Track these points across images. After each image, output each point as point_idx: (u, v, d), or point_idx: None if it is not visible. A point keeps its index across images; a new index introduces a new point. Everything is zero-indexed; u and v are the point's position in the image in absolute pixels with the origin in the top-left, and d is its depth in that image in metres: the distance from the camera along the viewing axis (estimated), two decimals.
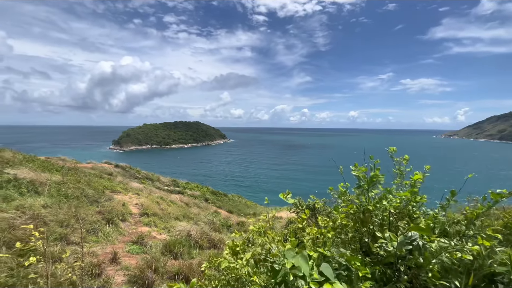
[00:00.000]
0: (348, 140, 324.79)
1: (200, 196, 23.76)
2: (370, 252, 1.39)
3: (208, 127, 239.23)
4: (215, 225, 10.71)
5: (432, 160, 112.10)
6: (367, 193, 1.60)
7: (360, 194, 1.64)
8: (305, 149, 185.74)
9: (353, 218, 1.60)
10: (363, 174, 1.60)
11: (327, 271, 1.11)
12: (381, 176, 1.58)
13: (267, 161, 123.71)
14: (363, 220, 1.53)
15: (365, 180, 1.58)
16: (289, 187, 42.90)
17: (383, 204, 1.49)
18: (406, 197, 1.51)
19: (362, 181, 1.61)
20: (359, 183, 1.63)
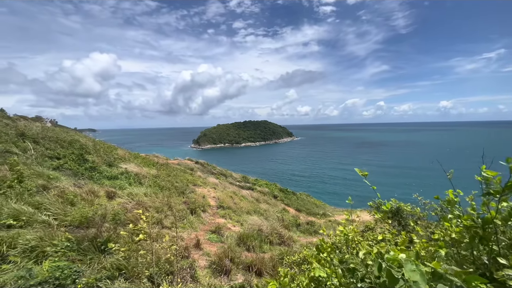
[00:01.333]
0: (439, 135, 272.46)
1: (269, 192, 24.43)
2: (492, 278, 1.09)
3: (275, 126, 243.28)
4: (284, 223, 10.80)
5: None
6: (499, 203, 1.24)
7: (486, 203, 1.28)
8: (382, 147, 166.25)
9: (468, 233, 1.28)
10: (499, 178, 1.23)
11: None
12: None
13: (336, 160, 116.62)
14: (483, 237, 1.21)
15: (497, 186, 1.23)
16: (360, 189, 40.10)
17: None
18: None
19: (493, 187, 1.25)
20: (488, 189, 1.27)
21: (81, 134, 15.01)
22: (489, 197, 1.27)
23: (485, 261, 1.16)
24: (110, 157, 11.09)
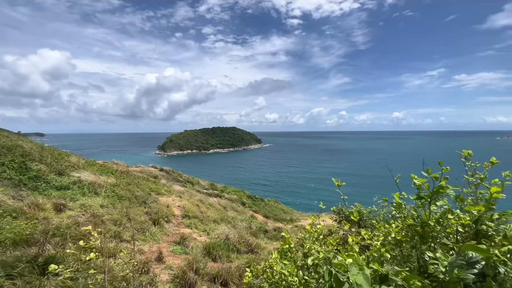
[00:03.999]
0: (393, 143, 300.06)
1: (237, 200, 24.22)
2: (430, 274, 1.20)
3: (244, 132, 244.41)
4: (252, 230, 10.75)
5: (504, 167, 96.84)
6: (429, 206, 1.38)
7: (419, 207, 1.42)
8: (345, 154, 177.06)
9: (410, 232, 1.40)
10: (426, 184, 1.39)
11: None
12: (450, 187, 1.35)
13: (304, 166, 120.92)
14: (422, 235, 1.33)
15: (427, 190, 1.37)
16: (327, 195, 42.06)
17: (447, 220, 1.27)
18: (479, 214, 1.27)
19: (424, 192, 1.40)
20: (420, 193, 1.42)
21: (25, 139, 13.29)
22: (421, 200, 1.42)
23: (426, 259, 1.27)
24: (60, 164, 9.99)
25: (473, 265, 1.02)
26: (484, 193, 1.47)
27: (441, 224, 1.33)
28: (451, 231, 1.33)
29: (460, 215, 1.31)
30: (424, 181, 1.39)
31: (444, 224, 1.32)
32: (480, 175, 1.61)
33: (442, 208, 1.48)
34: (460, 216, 1.29)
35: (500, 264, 1.05)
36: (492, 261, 1.04)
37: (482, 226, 1.29)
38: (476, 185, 1.60)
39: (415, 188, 1.45)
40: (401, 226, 1.49)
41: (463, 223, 1.26)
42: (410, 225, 1.40)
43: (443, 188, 1.30)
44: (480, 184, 1.58)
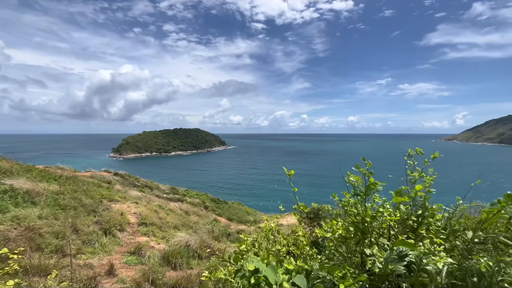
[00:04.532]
0: (348, 145, 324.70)
1: (199, 203, 23.56)
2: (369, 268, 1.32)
3: (208, 134, 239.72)
4: (215, 234, 10.55)
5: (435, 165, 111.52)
6: (364, 203, 1.52)
7: (356, 203, 1.56)
8: (306, 156, 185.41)
9: (353, 228, 1.53)
10: (360, 181, 1.52)
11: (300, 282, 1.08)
12: (379, 183, 1.51)
13: (267, 168, 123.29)
14: (363, 231, 1.45)
15: (361, 187, 1.51)
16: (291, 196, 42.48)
17: (381, 215, 1.42)
18: (407, 210, 1.45)
19: (358, 189, 1.54)
20: (355, 191, 1.55)
21: None
22: (357, 197, 1.56)
23: (367, 253, 1.40)
24: None
25: (403, 258, 1.15)
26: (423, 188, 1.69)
27: (376, 220, 1.48)
28: (386, 226, 1.49)
29: (390, 211, 1.47)
30: (359, 178, 1.52)
31: (379, 220, 1.47)
32: (419, 171, 1.84)
33: (379, 204, 1.65)
34: (391, 212, 1.45)
35: (424, 256, 1.20)
36: (418, 253, 1.19)
37: (409, 221, 1.47)
38: (414, 182, 1.81)
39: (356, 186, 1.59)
40: (346, 223, 1.61)
41: (395, 219, 1.41)
42: (353, 221, 1.53)
43: (373, 184, 1.44)
44: (417, 180, 1.80)
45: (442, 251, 1.17)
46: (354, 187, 1.56)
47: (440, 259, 1.13)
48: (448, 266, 1.12)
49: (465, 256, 1.24)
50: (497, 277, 1.04)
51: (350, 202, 1.70)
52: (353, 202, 1.63)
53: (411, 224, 1.45)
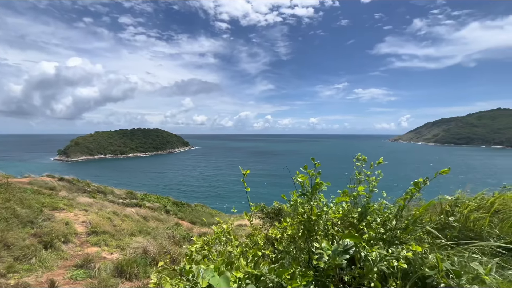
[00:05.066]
0: (310, 145, 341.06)
1: (160, 207, 22.37)
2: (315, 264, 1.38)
3: (170, 134, 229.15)
4: (176, 239, 10.11)
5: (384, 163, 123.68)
6: (310, 202, 1.60)
7: (303, 203, 1.64)
8: (270, 156, 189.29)
9: (301, 227, 1.60)
10: (307, 181, 1.60)
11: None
12: (324, 183, 1.60)
13: (232, 169, 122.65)
14: (309, 229, 1.53)
15: (308, 187, 1.59)
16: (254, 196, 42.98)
17: (325, 213, 1.51)
18: (348, 207, 1.57)
19: (305, 189, 1.62)
20: (303, 190, 1.63)
21: None
22: (304, 197, 1.65)
23: (313, 250, 1.47)
24: None
25: (347, 251, 1.23)
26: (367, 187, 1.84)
27: (321, 218, 1.57)
28: (330, 223, 1.59)
29: (334, 208, 1.59)
30: (306, 178, 1.60)
31: (324, 218, 1.57)
32: (365, 172, 2.00)
33: (325, 203, 1.76)
34: (334, 210, 1.56)
35: (362, 249, 1.31)
36: (359, 246, 1.29)
37: (350, 218, 1.60)
38: (359, 181, 1.97)
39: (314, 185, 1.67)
40: (295, 222, 1.68)
41: (338, 216, 1.52)
42: (301, 220, 1.60)
43: (318, 184, 1.53)
44: (362, 181, 1.96)
45: (378, 243, 1.30)
46: (302, 187, 1.63)
47: (374, 250, 1.24)
48: (381, 256, 1.24)
49: (395, 245, 1.40)
50: (420, 262, 1.20)
51: (297, 202, 1.78)
52: (300, 201, 1.70)
53: (352, 220, 1.58)
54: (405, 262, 1.26)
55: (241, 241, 2.07)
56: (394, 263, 1.23)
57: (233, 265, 1.20)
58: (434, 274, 1.20)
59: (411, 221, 1.52)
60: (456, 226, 2.16)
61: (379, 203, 1.87)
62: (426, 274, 1.23)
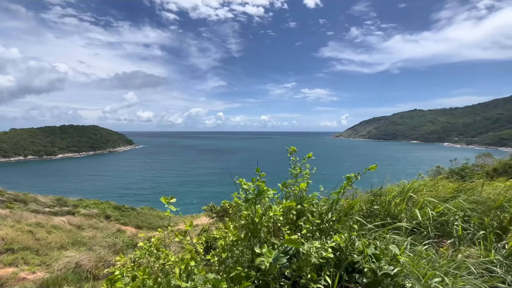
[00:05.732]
0: (262, 142, 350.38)
1: (98, 214, 20.04)
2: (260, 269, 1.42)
3: (110, 132, 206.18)
4: (118, 247, 9.19)
5: (326, 157, 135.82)
6: (254, 206, 1.64)
7: (247, 207, 1.66)
8: (223, 153, 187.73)
9: (244, 230, 1.61)
10: (252, 188, 1.63)
11: None
12: (271, 191, 1.66)
13: (183, 168, 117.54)
14: (253, 231, 1.56)
15: (253, 193, 1.62)
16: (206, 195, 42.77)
17: (268, 215, 1.56)
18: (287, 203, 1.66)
19: (251, 194, 1.65)
20: (247, 196, 1.66)
21: None
22: (249, 202, 1.69)
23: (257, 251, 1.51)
24: None
25: (288, 253, 1.29)
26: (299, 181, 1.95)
27: (264, 217, 1.62)
28: (272, 221, 1.66)
29: (275, 207, 1.66)
30: (252, 185, 1.63)
31: (265, 218, 1.62)
32: (298, 168, 2.11)
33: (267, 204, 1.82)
34: (275, 210, 1.63)
35: (301, 246, 1.40)
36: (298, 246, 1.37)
37: (290, 214, 1.69)
38: (296, 175, 2.08)
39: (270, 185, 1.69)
40: (238, 226, 1.69)
41: (278, 214, 1.58)
42: (243, 225, 1.62)
43: (264, 191, 1.58)
44: (298, 174, 2.07)
45: (315, 234, 1.40)
46: (246, 193, 1.65)
47: (305, 244, 1.34)
48: (312, 249, 1.35)
49: (330, 235, 1.54)
50: (350, 249, 1.34)
51: (240, 205, 1.79)
52: (243, 205, 1.72)
53: (291, 217, 1.67)
54: (337, 250, 1.39)
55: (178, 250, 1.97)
56: (323, 254, 1.34)
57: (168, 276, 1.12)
58: (361, 260, 1.36)
59: (342, 212, 1.68)
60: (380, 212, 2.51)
61: (312, 196, 2.02)
62: (355, 260, 1.38)
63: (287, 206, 1.68)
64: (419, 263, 1.73)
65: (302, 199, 1.83)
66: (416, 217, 3.09)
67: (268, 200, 1.82)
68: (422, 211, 3.36)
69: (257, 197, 1.59)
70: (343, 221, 1.69)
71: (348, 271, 1.42)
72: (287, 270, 1.34)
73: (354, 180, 2.01)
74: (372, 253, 1.39)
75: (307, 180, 1.98)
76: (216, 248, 1.75)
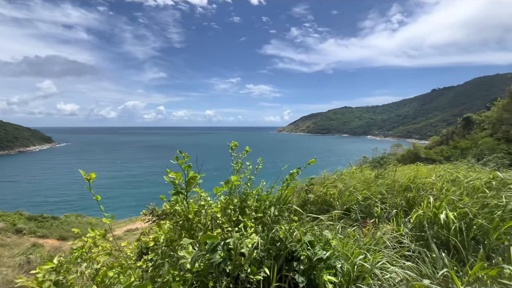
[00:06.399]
0: (207, 138, 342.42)
1: (6, 228, 16.39)
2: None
3: (18, 127, 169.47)
4: (32, 265, 7.68)
5: (271, 151, 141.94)
6: (186, 200, 1.55)
7: (178, 202, 1.56)
8: (165, 150, 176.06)
9: (180, 228, 1.52)
10: (181, 177, 1.53)
11: None
12: (198, 176, 1.58)
13: (119, 168, 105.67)
14: (188, 229, 1.48)
15: (183, 184, 1.52)
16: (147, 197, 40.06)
17: (203, 208, 1.51)
18: (225, 199, 1.64)
19: (180, 186, 1.54)
20: (176, 188, 1.55)
21: None
22: (180, 195, 1.60)
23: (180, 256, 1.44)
24: None
25: (216, 249, 1.24)
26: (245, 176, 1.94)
27: (201, 213, 1.55)
28: (209, 218, 1.61)
29: (211, 202, 1.61)
30: (180, 175, 1.53)
31: (204, 213, 1.55)
32: (240, 163, 2.10)
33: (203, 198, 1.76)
34: (211, 204, 1.58)
35: (237, 240, 1.38)
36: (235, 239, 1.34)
37: (228, 209, 1.67)
38: (237, 171, 2.06)
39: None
40: (172, 225, 1.58)
41: (216, 210, 1.54)
42: (177, 222, 1.51)
43: (193, 178, 1.49)
44: (239, 170, 2.06)
45: (253, 232, 1.41)
46: (174, 185, 1.54)
47: (250, 239, 1.35)
48: (256, 243, 1.36)
49: (270, 228, 1.58)
50: (289, 239, 1.40)
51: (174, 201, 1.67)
52: (176, 200, 1.61)
53: (229, 212, 1.65)
54: (278, 241, 1.44)
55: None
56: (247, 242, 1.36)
57: None
58: (298, 248, 1.43)
59: (281, 203, 1.75)
60: (316, 200, 2.75)
61: (257, 190, 2.05)
62: (293, 249, 1.45)
63: (226, 201, 1.64)
64: (347, 244, 1.95)
65: (245, 195, 1.82)
66: (346, 202, 3.47)
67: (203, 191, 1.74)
68: (350, 197, 3.81)
69: (187, 188, 1.49)
70: (283, 212, 1.76)
71: (288, 260, 1.48)
72: (228, 267, 1.31)
73: (296, 175, 2.13)
74: (308, 240, 1.48)
75: (250, 176, 1.99)
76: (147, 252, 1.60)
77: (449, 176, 4.68)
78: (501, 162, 9.18)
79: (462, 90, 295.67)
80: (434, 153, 31.62)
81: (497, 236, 2.80)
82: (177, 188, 1.46)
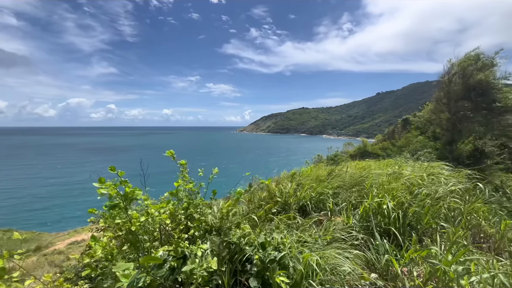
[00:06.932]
0: (164, 138, 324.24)
1: None
2: None
3: None
4: None
5: (232, 151, 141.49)
6: (126, 212, 1.42)
7: (115, 215, 1.42)
8: (116, 152, 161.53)
9: (121, 242, 1.37)
10: (114, 191, 1.39)
11: None
12: (139, 190, 1.47)
13: (60, 173, 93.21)
14: (132, 242, 1.35)
15: (120, 197, 1.39)
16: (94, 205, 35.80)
17: (150, 218, 1.40)
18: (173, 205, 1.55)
19: (116, 199, 1.41)
20: (112, 201, 1.41)
21: None
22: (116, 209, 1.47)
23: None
24: None
25: (164, 264, 1.16)
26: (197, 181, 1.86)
27: (148, 223, 1.44)
28: (158, 227, 1.50)
29: (159, 211, 1.51)
30: (110, 184, 1.40)
31: (152, 222, 1.44)
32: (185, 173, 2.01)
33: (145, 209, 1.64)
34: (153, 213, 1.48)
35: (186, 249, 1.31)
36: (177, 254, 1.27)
37: (178, 216, 1.59)
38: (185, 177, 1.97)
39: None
40: (112, 236, 1.43)
41: (165, 217, 1.44)
42: (119, 235, 1.37)
43: (131, 193, 1.38)
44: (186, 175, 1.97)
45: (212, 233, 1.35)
46: (110, 198, 1.39)
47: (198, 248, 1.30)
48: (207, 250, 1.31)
49: (226, 234, 1.54)
50: (243, 242, 1.39)
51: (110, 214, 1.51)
52: (114, 214, 1.46)
53: (179, 218, 1.56)
54: (233, 244, 1.40)
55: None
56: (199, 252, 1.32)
57: None
58: (252, 250, 1.42)
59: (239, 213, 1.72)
60: (270, 199, 2.82)
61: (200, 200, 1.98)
62: (247, 252, 1.43)
63: (174, 208, 1.54)
64: (303, 243, 2.03)
65: (192, 204, 1.74)
66: (302, 199, 3.61)
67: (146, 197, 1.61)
68: (306, 193, 3.99)
69: (126, 202, 1.35)
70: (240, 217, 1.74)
71: (243, 263, 1.46)
72: (180, 276, 1.22)
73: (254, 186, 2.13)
74: (261, 242, 1.48)
75: (199, 182, 1.91)
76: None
77: (391, 169, 5.25)
78: (430, 157, 10.70)
79: (401, 94, 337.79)
80: (379, 149, 35.64)
81: (427, 221, 3.23)
82: (113, 202, 1.31)
